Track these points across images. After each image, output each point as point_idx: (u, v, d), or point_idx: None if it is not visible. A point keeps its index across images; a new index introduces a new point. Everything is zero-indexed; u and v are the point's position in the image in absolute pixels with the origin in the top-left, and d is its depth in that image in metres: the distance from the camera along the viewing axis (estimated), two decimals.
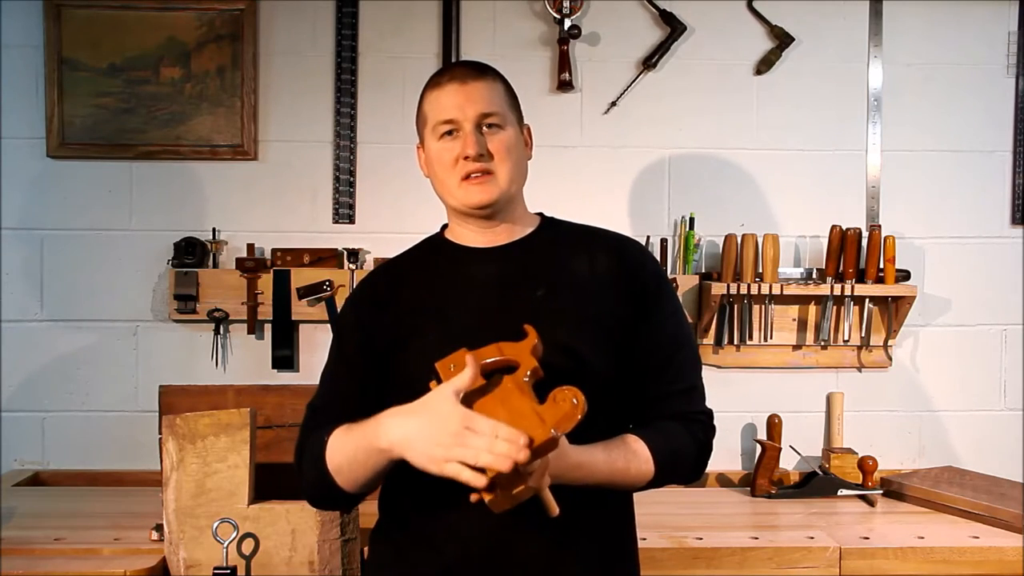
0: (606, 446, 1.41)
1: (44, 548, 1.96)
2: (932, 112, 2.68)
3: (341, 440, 1.41)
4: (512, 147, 1.51)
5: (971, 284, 2.69)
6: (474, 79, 1.50)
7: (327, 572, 1.85)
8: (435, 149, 1.52)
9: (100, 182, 2.58)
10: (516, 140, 1.52)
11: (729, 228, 2.61)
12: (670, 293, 1.57)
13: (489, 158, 1.49)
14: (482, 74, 1.51)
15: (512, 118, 1.53)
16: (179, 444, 1.88)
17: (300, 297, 2.52)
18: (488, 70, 1.54)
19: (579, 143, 2.64)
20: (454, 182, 1.50)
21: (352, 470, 1.40)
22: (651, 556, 1.99)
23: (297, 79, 2.61)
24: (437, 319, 1.49)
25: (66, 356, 2.58)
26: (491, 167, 1.49)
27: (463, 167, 1.48)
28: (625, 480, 1.43)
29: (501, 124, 1.50)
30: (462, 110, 1.48)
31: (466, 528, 1.43)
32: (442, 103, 1.50)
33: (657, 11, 2.62)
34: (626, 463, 1.42)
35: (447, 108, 1.49)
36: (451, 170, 1.50)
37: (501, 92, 1.53)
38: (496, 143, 1.49)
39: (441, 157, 1.50)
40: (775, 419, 2.56)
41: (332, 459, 1.42)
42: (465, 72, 1.51)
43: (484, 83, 1.50)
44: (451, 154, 1.49)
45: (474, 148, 1.47)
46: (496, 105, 1.50)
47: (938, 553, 2.06)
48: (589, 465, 1.38)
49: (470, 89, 1.49)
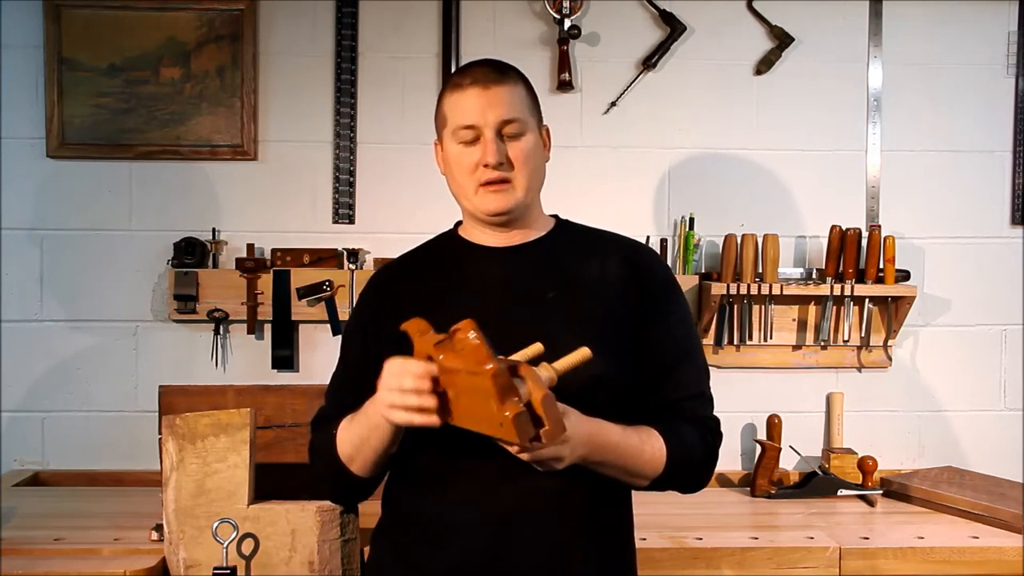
0: (622, 426, 1.42)
1: (44, 548, 1.95)
2: (932, 112, 2.68)
3: (347, 430, 1.48)
4: (531, 154, 1.50)
5: (971, 284, 2.69)
6: (496, 83, 1.48)
7: (327, 572, 1.85)
8: (454, 152, 1.50)
9: (100, 182, 2.58)
10: (535, 146, 1.51)
11: (729, 228, 2.61)
12: (679, 300, 1.56)
13: (508, 167, 1.48)
14: (504, 77, 1.49)
15: (532, 122, 1.52)
16: (179, 444, 1.88)
17: (300, 297, 2.52)
18: (510, 71, 1.52)
19: (579, 143, 2.64)
20: (471, 188, 1.50)
21: (362, 454, 1.47)
22: (651, 556, 1.99)
23: (297, 79, 2.61)
24: (444, 319, 1.49)
25: (66, 356, 2.59)
26: (509, 176, 1.48)
27: (482, 174, 1.48)
28: (638, 462, 1.43)
29: (521, 131, 1.49)
30: (483, 115, 1.46)
31: (467, 528, 1.43)
32: (463, 106, 1.48)
33: (657, 11, 2.62)
34: (640, 442, 1.43)
35: (468, 113, 1.47)
36: (469, 176, 1.49)
37: (523, 95, 1.51)
38: (516, 151, 1.48)
39: (460, 161, 1.50)
40: (775, 419, 2.56)
41: (343, 450, 1.49)
42: (487, 75, 1.49)
43: (506, 87, 1.48)
44: (470, 159, 1.48)
45: (494, 157, 1.46)
46: (517, 111, 1.48)
47: (938, 553, 2.06)
48: (604, 435, 1.38)
49: (492, 94, 1.47)
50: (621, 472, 1.43)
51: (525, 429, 1.22)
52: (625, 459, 1.42)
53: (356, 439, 1.46)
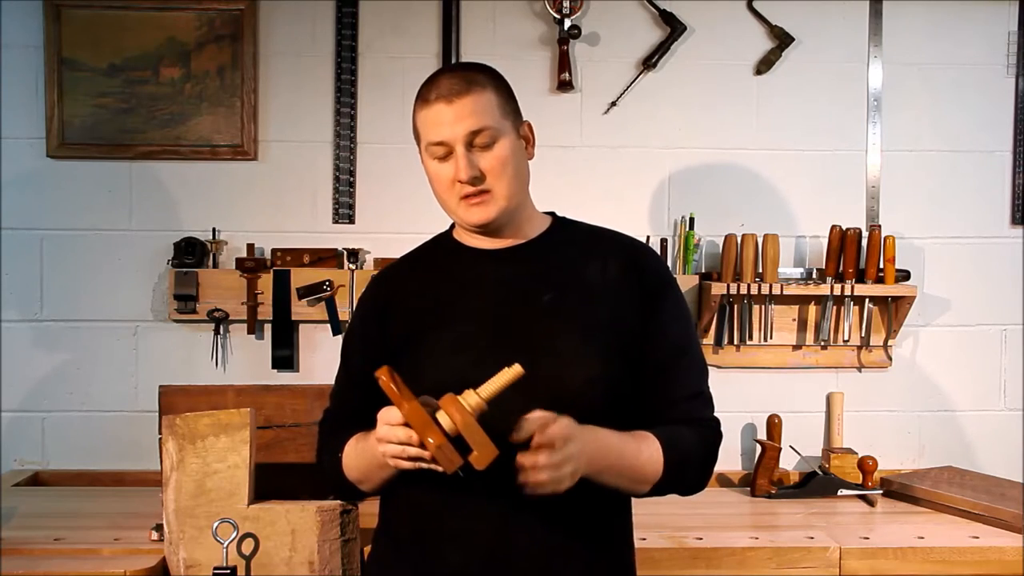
0: (619, 433, 1.42)
1: (44, 548, 1.95)
2: (932, 112, 2.68)
3: (353, 457, 1.51)
4: (508, 160, 1.46)
5: (971, 284, 2.69)
6: (460, 95, 1.43)
7: (327, 572, 1.85)
8: (432, 168, 1.49)
9: (100, 182, 2.58)
10: (512, 149, 1.47)
11: (729, 228, 2.61)
12: (678, 299, 1.55)
13: (483, 179, 1.45)
14: (470, 87, 1.44)
15: (507, 125, 1.48)
16: (179, 444, 1.88)
17: (300, 297, 2.52)
18: (475, 80, 1.46)
19: (579, 143, 2.64)
20: (453, 203, 1.49)
21: (371, 480, 1.51)
22: (651, 556, 1.99)
23: (297, 79, 2.61)
24: (441, 323, 1.49)
25: (66, 356, 2.59)
26: (487, 186, 1.46)
27: (459, 189, 1.46)
28: (635, 469, 1.42)
29: (493, 139, 1.45)
30: (452, 129, 1.43)
31: (467, 528, 1.44)
32: (431, 122, 1.46)
33: (657, 11, 2.62)
34: (637, 448, 1.42)
35: (437, 129, 1.45)
36: (448, 191, 1.48)
37: (492, 101, 1.46)
38: (489, 161, 1.45)
39: (438, 176, 1.48)
40: (775, 419, 2.56)
41: (350, 473, 1.53)
42: (451, 87, 1.44)
43: (471, 97, 1.44)
44: (447, 175, 1.46)
45: (467, 173, 1.44)
46: (486, 119, 1.44)
47: (938, 553, 2.06)
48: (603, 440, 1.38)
49: (458, 107, 1.43)
50: (620, 480, 1.42)
51: (450, 458, 1.26)
52: (623, 467, 1.41)
53: (364, 468, 1.50)
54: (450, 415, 1.27)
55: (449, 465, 1.26)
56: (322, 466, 1.61)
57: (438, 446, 1.25)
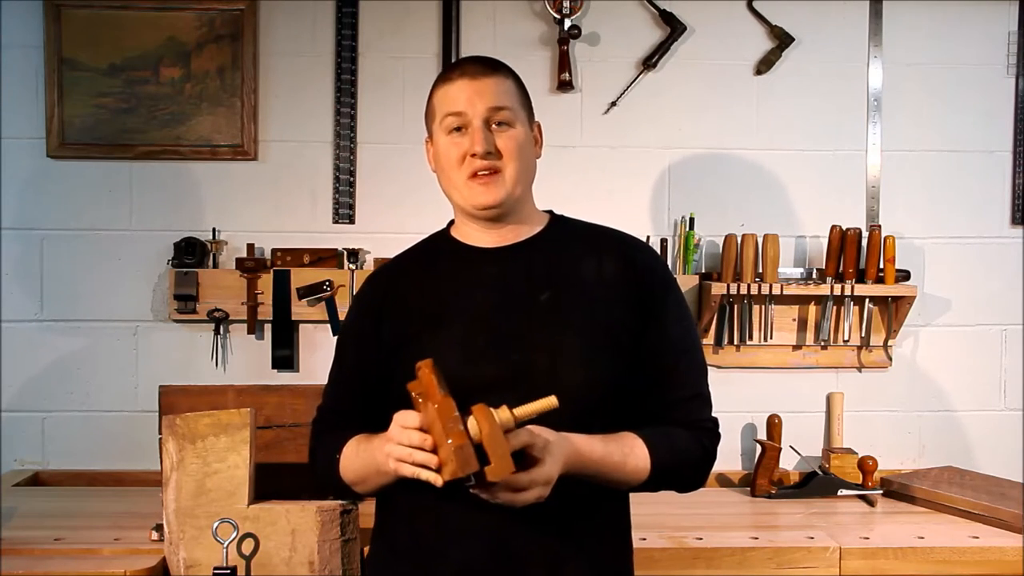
0: (604, 439, 1.41)
1: (44, 548, 1.95)
2: (932, 112, 2.68)
3: (351, 460, 1.49)
4: (521, 146, 1.48)
5: (971, 284, 2.69)
6: (485, 75, 1.47)
7: (327, 572, 1.85)
8: (443, 144, 1.49)
9: (100, 182, 2.58)
10: (526, 139, 1.49)
11: (729, 228, 2.61)
12: (677, 298, 1.54)
13: (497, 156, 1.46)
14: (494, 70, 1.49)
15: (523, 116, 1.50)
16: (179, 444, 1.88)
17: (300, 297, 2.52)
18: (500, 66, 1.51)
19: (579, 143, 2.64)
20: (460, 180, 1.48)
21: (367, 485, 1.49)
22: (650, 556, 2.00)
23: (297, 79, 2.61)
24: (437, 323, 1.48)
25: (66, 356, 2.59)
26: (498, 165, 1.46)
27: (470, 164, 1.46)
28: (622, 474, 1.42)
29: (511, 121, 1.47)
30: (471, 103, 1.45)
31: (467, 529, 1.43)
32: (451, 96, 1.47)
33: (657, 11, 2.62)
34: (623, 456, 1.41)
35: (456, 101, 1.46)
36: (458, 167, 1.47)
37: (512, 89, 1.50)
38: (505, 140, 1.46)
39: (448, 152, 1.48)
40: (775, 419, 2.56)
41: (347, 476, 1.51)
42: (476, 67, 1.48)
43: (495, 79, 1.47)
44: (459, 150, 1.46)
45: (482, 145, 1.44)
46: (507, 100, 1.47)
47: (938, 553, 2.06)
48: (587, 451, 1.37)
49: (480, 84, 1.46)
50: (603, 483, 1.42)
51: (467, 461, 1.23)
52: (607, 474, 1.40)
53: (362, 471, 1.47)
54: (479, 422, 1.25)
55: (462, 468, 1.22)
56: (314, 463, 1.58)
57: (459, 446, 1.22)
